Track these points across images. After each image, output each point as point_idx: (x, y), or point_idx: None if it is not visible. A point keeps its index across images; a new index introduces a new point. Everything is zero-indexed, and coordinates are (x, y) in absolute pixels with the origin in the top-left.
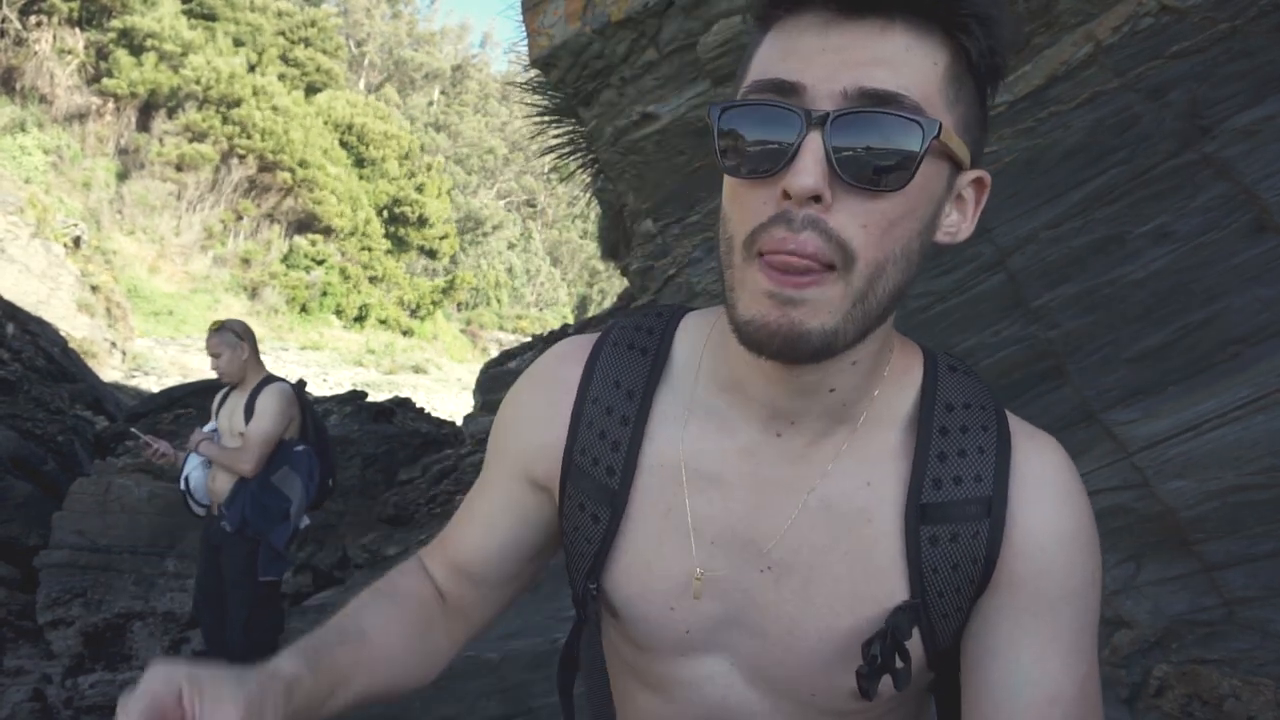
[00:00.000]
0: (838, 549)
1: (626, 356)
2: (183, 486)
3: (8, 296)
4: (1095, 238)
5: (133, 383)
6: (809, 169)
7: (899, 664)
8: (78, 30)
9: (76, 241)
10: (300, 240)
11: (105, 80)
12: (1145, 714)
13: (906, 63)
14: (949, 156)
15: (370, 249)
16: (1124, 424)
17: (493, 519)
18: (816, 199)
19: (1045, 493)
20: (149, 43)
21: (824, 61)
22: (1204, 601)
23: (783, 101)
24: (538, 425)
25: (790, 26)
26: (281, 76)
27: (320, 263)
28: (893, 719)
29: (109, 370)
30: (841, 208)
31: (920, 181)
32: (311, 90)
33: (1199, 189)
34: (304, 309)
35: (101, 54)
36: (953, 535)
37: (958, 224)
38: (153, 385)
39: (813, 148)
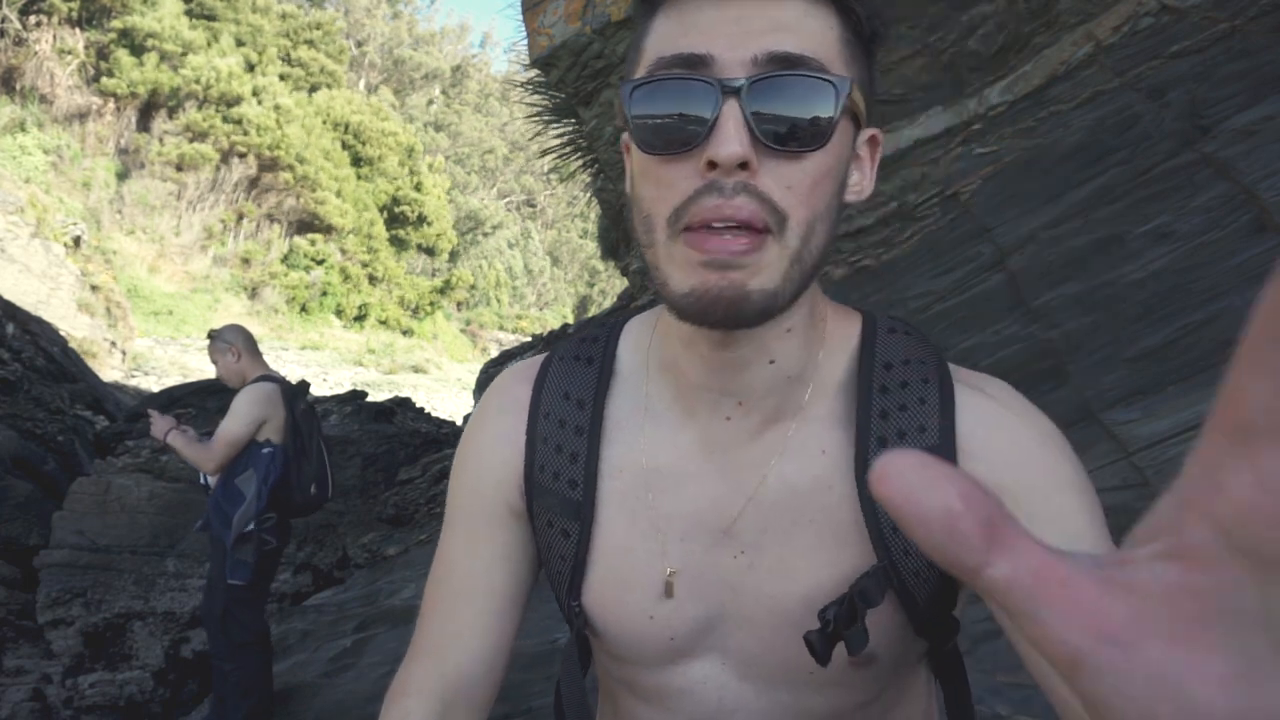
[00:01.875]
0: (804, 520)
1: (573, 368)
2: (202, 480)
3: (8, 296)
4: (1095, 238)
5: (133, 383)
6: (733, 136)
7: (856, 626)
8: (78, 30)
9: (76, 241)
10: (300, 240)
11: (105, 80)
12: None
13: (805, 28)
14: (854, 115)
15: (372, 249)
16: (1124, 424)
17: (486, 600)
18: (743, 166)
19: (996, 420)
20: (149, 43)
21: (727, 32)
22: None
23: (694, 74)
24: (498, 449)
25: (682, 4)
26: (284, 77)
27: (320, 262)
28: (892, 694)
29: (109, 370)
30: (766, 172)
31: (836, 139)
32: (314, 91)
33: (1199, 189)
34: (304, 309)
35: (102, 54)
36: None
37: (859, 182)
38: (153, 385)
39: (733, 115)
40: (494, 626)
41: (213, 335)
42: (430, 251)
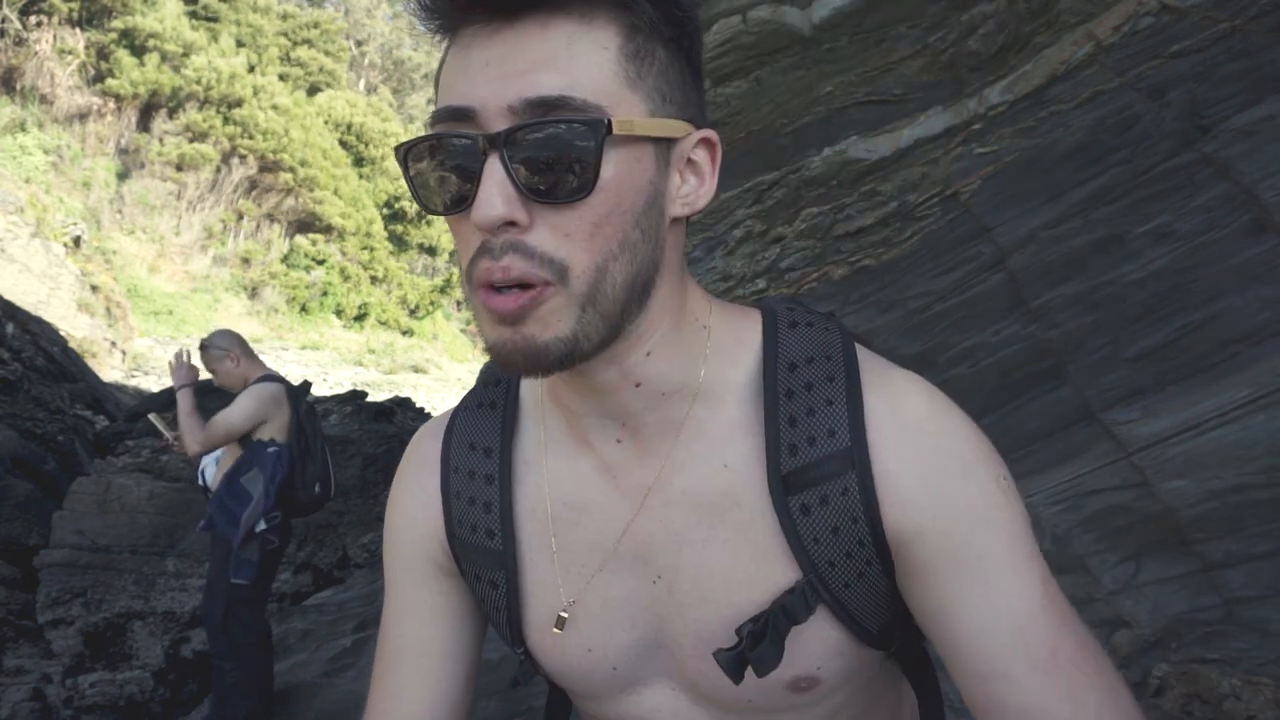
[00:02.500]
0: (716, 538)
1: (477, 416)
2: (200, 481)
3: (8, 296)
4: (1095, 238)
5: (133, 383)
6: (492, 200)
7: (761, 646)
8: (78, 30)
9: (76, 241)
10: (301, 240)
11: (108, 80)
12: (1145, 714)
13: (572, 58)
14: (645, 138)
15: (372, 249)
16: (1124, 424)
17: (425, 659)
18: (513, 223)
19: (905, 435)
20: (150, 43)
21: (489, 76)
22: (1204, 601)
23: (458, 130)
24: (417, 510)
25: (463, 39)
26: (284, 77)
27: (320, 262)
28: (853, 711)
29: (109, 370)
30: (540, 223)
31: (613, 176)
32: (314, 91)
33: (1199, 189)
34: (304, 309)
35: (102, 54)
36: (822, 499)
37: (694, 189)
38: (153, 385)
39: (493, 174)
40: (439, 681)
41: (205, 345)
42: (431, 251)
